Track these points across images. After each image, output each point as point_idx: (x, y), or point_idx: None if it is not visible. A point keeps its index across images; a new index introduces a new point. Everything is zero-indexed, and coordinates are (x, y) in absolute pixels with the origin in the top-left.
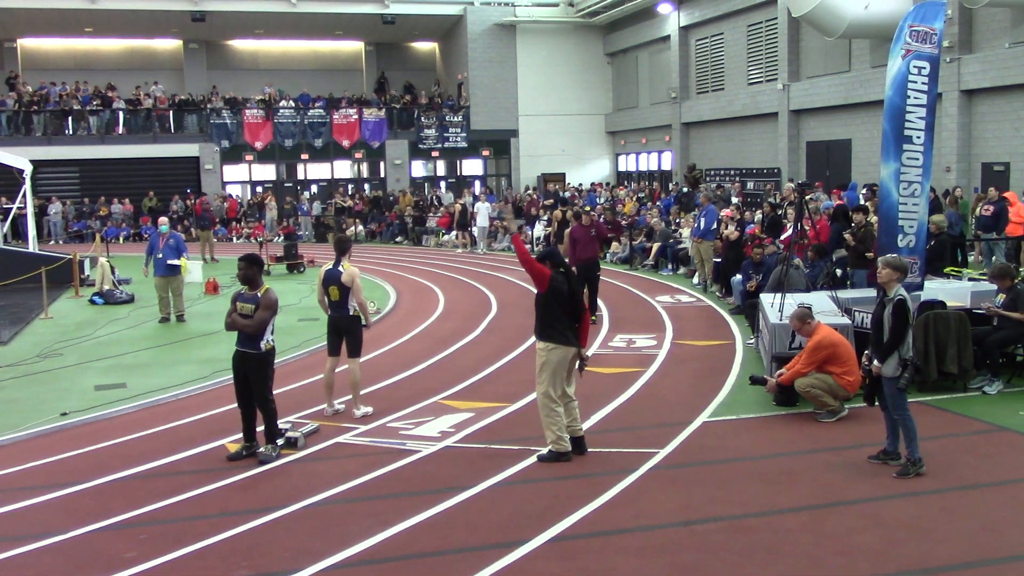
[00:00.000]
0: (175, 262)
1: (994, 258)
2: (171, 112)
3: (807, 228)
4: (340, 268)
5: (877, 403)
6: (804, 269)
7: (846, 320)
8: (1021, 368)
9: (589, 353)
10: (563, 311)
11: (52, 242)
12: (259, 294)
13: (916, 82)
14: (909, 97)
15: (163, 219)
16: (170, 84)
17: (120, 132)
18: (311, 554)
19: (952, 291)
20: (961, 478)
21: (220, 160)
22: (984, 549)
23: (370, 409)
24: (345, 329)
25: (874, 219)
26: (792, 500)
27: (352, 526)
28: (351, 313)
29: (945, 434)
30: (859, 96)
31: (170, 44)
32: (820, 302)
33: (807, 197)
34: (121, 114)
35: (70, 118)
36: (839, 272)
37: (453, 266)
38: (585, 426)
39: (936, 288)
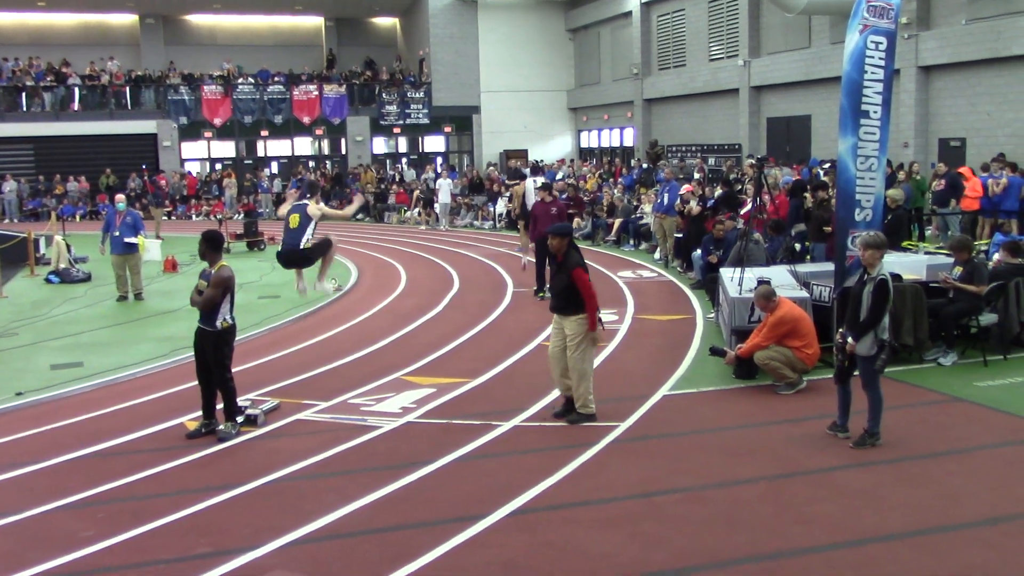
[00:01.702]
0: (132, 240)
1: (949, 232)
2: (127, 88)
3: (766, 203)
4: (306, 202)
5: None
6: (763, 244)
7: (805, 294)
8: (975, 340)
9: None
10: None
11: (6, 220)
12: (213, 271)
13: (873, 57)
14: (866, 72)
15: (120, 196)
16: (126, 60)
17: (75, 109)
18: (271, 530)
19: (908, 264)
20: (916, 448)
21: (178, 137)
22: (938, 517)
23: (335, 283)
24: (300, 261)
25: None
26: (751, 471)
27: (313, 502)
28: (303, 245)
29: (901, 405)
30: (819, 72)
31: (126, 19)
32: (779, 276)
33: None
34: (76, 90)
35: (24, 94)
36: (798, 246)
37: (415, 243)
38: (546, 400)
39: (893, 261)
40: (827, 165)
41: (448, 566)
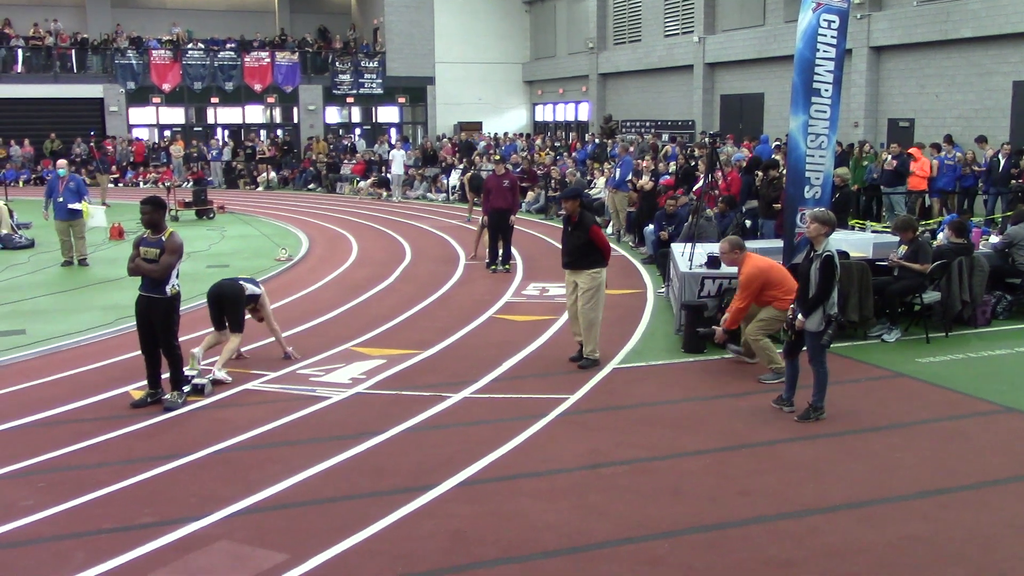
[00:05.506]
0: (76, 206)
1: (896, 212)
2: (73, 51)
3: (718, 179)
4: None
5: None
6: (714, 220)
7: None
8: (919, 317)
9: (509, 300)
10: None
11: None
12: (163, 238)
13: (826, 35)
14: (819, 50)
15: (61, 161)
16: (71, 21)
17: (19, 71)
18: (217, 500)
19: (855, 242)
20: (859, 422)
21: (126, 102)
22: (879, 489)
23: (229, 379)
24: (229, 301)
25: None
26: (696, 443)
27: (259, 472)
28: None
29: (845, 380)
30: (772, 50)
31: None
32: None
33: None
34: (20, 52)
35: None
36: (748, 223)
37: (367, 214)
38: (497, 373)
39: (840, 239)
40: (777, 141)
41: (396, 536)
